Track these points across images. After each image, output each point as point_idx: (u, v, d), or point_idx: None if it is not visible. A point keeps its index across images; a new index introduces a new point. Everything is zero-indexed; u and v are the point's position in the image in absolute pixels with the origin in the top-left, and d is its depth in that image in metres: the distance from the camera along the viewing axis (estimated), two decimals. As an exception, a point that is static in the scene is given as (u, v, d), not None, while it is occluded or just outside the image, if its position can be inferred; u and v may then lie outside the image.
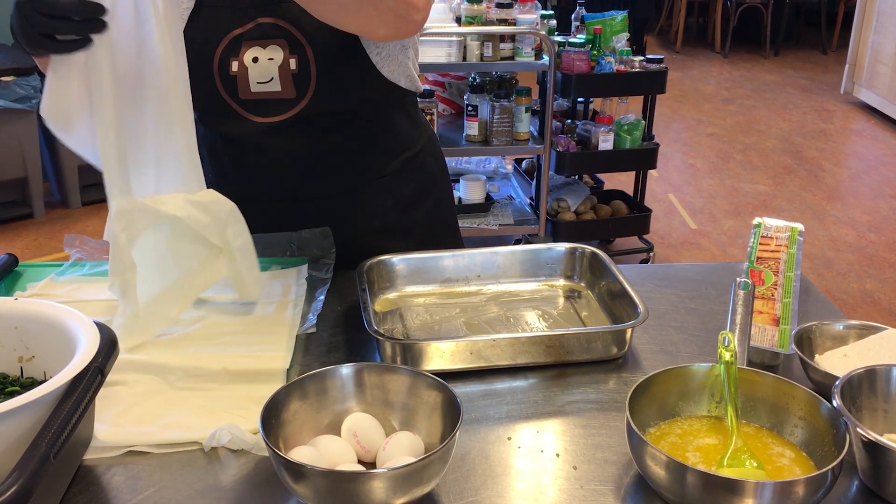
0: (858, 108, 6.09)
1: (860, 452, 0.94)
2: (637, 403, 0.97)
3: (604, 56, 3.46)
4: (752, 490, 0.85)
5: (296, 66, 1.32)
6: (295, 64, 1.32)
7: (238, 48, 1.31)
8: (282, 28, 1.31)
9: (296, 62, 1.32)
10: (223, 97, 1.34)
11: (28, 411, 0.83)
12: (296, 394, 0.98)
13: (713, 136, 5.52)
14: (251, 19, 1.31)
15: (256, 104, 1.34)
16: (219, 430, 1.00)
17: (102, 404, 1.05)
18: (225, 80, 1.33)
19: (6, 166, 3.87)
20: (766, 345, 1.17)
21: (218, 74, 1.32)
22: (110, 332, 0.96)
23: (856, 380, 1.00)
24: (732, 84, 6.75)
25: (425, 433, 0.98)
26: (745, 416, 1.02)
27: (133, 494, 0.93)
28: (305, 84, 1.33)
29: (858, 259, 3.85)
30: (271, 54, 1.31)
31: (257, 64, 1.31)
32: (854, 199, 4.55)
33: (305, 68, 1.32)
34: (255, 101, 1.34)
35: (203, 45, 1.31)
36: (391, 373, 1.01)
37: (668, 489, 0.90)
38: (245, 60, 1.31)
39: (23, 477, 0.75)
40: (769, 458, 0.97)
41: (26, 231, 3.95)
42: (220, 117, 1.37)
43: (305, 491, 0.87)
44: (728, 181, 4.74)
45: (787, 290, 1.20)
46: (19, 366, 1.00)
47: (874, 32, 5.86)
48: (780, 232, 1.24)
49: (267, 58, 1.31)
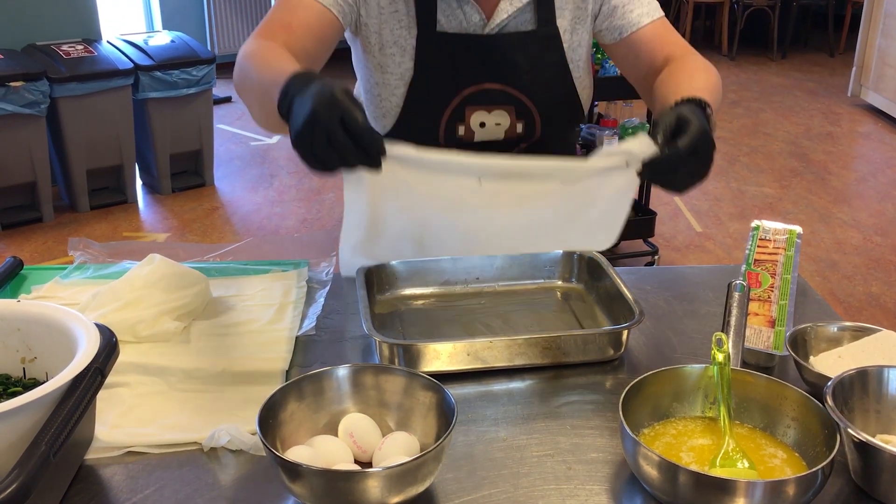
0: (865, 111, 6.07)
1: (852, 453, 0.95)
2: (631, 404, 0.98)
3: (608, 59, 3.47)
4: (743, 490, 0.86)
5: (522, 129, 1.37)
6: (521, 127, 1.37)
7: (463, 112, 1.34)
8: (510, 95, 1.34)
9: (522, 126, 1.37)
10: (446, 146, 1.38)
11: (29, 411, 0.84)
12: (293, 394, 0.99)
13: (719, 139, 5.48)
14: (476, 84, 1.33)
15: (477, 148, 1.38)
16: (218, 430, 1.02)
17: (103, 405, 1.06)
18: (450, 140, 1.37)
19: (15, 171, 3.90)
20: (761, 346, 1.18)
21: (444, 136, 1.36)
22: (111, 333, 0.98)
23: (848, 381, 1.01)
24: (739, 87, 6.74)
25: (421, 433, 0.99)
26: (739, 416, 1.03)
27: (133, 494, 0.95)
28: (530, 138, 1.39)
29: (864, 262, 3.84)
30: (498, 119, 1.36)
31: (484, 129, 1.35)
32: (860, 202, 4.54)
33: (531, 129, 1.38)
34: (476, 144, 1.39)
35: (429, 112, 1.34)
36: (387, 374, 1.02)
37: (661, 489, 0.91)
38: (472, 124, 1.35)
39: (23, 475, 0.76)
40: (762, 458, 0.98)
41: (35, 235, 3.97)
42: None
43: (302, 490, 0.88)
44: (734, 184, 4.74)
45: (783, 293, 1.20)
46: (22, 367, 1.02)
47: (881, 35, 5.85)
48: (778, 234, 1.25)
49: (494, 122, 1.36)
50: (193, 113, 4.36)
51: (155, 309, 1.23)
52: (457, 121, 1.34)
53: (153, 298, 1.25)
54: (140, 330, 1.21)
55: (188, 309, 1.27)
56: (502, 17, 1.30)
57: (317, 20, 1.28)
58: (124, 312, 1.22)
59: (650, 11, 1.38)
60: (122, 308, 1.23)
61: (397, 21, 1.30)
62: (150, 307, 1.24)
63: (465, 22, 1.30)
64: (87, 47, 4.10)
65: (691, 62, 1.33)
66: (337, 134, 0.97)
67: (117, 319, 1.20)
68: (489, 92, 1.34)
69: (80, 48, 4.07)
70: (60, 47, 4.03)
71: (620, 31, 1.36)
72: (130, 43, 4.29)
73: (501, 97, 1.34)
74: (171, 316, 1.24)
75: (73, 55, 3.99)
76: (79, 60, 3.97)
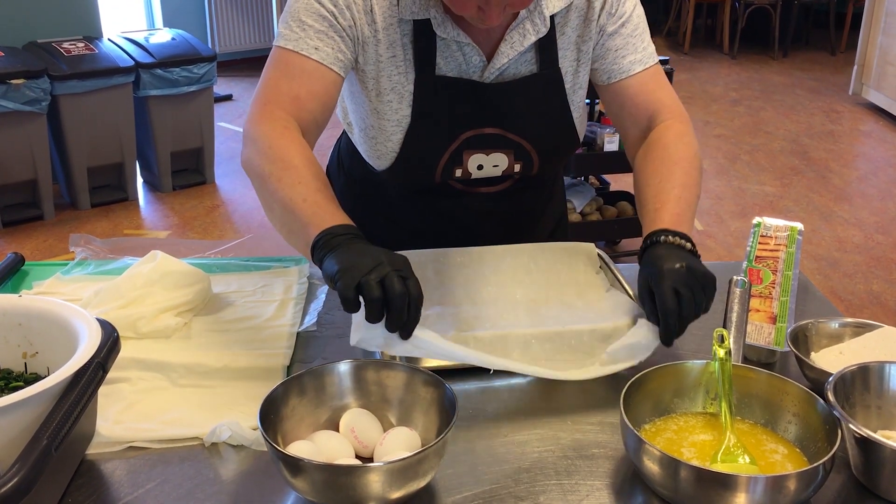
0: (867, 110, 6.07)
1: (853, 448, 0.95)
2: (632, 400, 0.98)
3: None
4: (744, 484, 0.86)
5: (520, 169, 1.37)
6: (519, 168, 1.36)
7: (461, 156, 1.33)
8: (509, 139, 1.33)
9: (520, 166, 1.36)
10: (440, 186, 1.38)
11: (30, 405, 0.84)
12: (294, 390, 0.99)
13: (721, 138, 5.51)
14: (474, 128, 1.31)
15: (471, 182, 1.38)
16: (219, 426, 1.02)
17: (105, 401, 1.07)
18: (445, 181, 1.36)
19: (16, 168, 3.90)
20: (762, 342, 1.18)
21: (440, 178, 1.35)
22: (112, 328, 0.98)
23: (849, 377, 1.01)
24: (740, 85, 6.73)
25: (422, 429, 0.99)
26: (740, 412, 1.03)
27: (134, 488, 0.95)
28: (527, 174, 1.39)
29: (865, 260, 3.84)
30: (496, 161, 1.34)
31: (482, 170, 1.35)
32: (862, 201, 4.54)
33: (529, 168, 1.37)
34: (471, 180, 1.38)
35: (427, 156, 1.32)
36: (389, 369, 1.02)
37: (662, 484, 0.91)
38: (469, 167, 1.34)
39: (24, 469, 0.77)
40: (763, 453, 0.98)
41: (36, 232, 3.97)
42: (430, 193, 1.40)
43: (303, 485, 0.88)
44: (735, 182, 4.74)
45: (784, 289, 1.20)
46: (23, 361, 1.02)
47: (883, 33, 5.84)
48: (779, 231, 1.25)
49: (492, 164, 1.35)
50: (194, 110, 4.36)
51: (156, 307, 1.24)
52: (455, 164, 1.33)
53: (155, 296, 1.25)
54: (141, 326, 1.21)
55: (190, 307, 1.27)
56: (503, 61, 1.27)
57: (321, 85, 1.23)
58: (126, 310, 1.23)
59: (643, 59, 1.34)
60: (124, 306, 1.23)
61: (395, 67, 1.27)
62: (151, 305, 1.24)
63: (465, 64, 1.27)
64: (88, 45, 4.10)
65: (673, 145, 1.30)
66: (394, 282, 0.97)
67: (118, 316, 1.20)
68: (488, 136, 1.31)
69: (81, 46, 4.07)
70: (61, 45, 4.03)
71: (609, 75, 1.34)
72: (131, 40, 4.29)
73: (500, 141, 1.32)
74: (172, 313, 1.24)
75: (74, 53, 3.99)
76: (80, 58, 3.97)
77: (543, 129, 1.33)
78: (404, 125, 1.30)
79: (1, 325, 1.02)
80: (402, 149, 1.31)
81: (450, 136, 1.31)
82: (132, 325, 1.21)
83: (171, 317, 1.23)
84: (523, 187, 1.43)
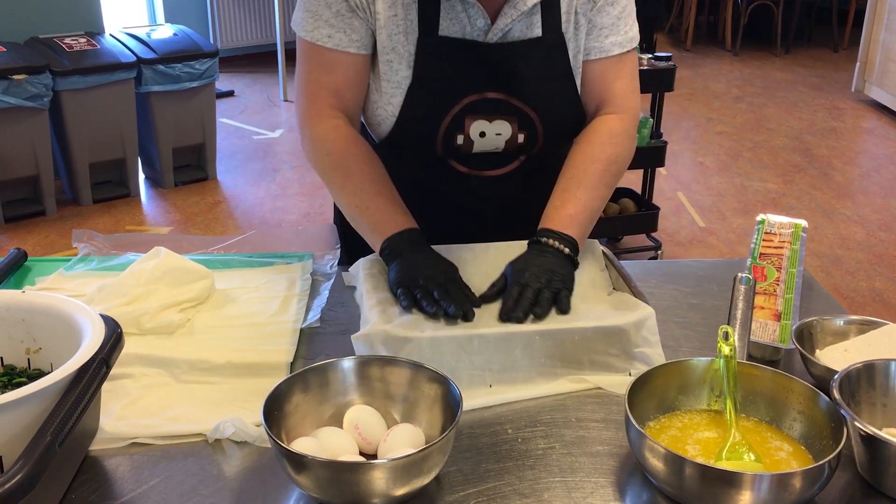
0: (869, 106, 6.06)
1: (858, 446, 0.95)
2: (637, 397, 0.98)
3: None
4: (749, 482, 0.86)
5: (524, 139, 1.35)
6: (523, 138, 1.34)
7: (462, 122, 1.31)
8: (513, 105, 1.31)
9: (524, 136, 1.34)
10: (442, 159, 1.37)
11: (34, 401, 0.84)
12: (298, 386, 0.99)
13: (723, 135, 5.50)
14: (477, 93, 1.30)
15: (474, 158, 1.37)
16: (222, 422, 1.02)
17: (109, 397, 1.06)
18: (448, 150, 1.35)
19: (18, 164, 3.89)
20: (766, 340, 1.17)
21: (441, 146, 1.34)
22: (116, 324, 0.97)
23: (854, 374, 1.01)
24: (743, 82, 6.72)
25: (426, 425, 0.99)
26: (745, 409, 1.03)
27: (138, 484, 0.95)
28: (530, 149, 1.37)
29: (868, 257, 3.84)
30: (499, 129, 1.33)
31: (484, 138, 1.33)
32: (864, 198, 4.53)
33: (533, 140, 1.35)
34: (474, 155, 1.37)
35: (427, 121, 1.31)
36: (393, 366, 1.02)
37: (667, 482, 0.91)
38: (471, 134, 1.32)
39: (28, 465, 0.76)
40: (768, 451, 0.98)
41: (38, 228, 3.97)
42: (432, 171, 1.39)
43: (307, 482, 0.88)
44: (737, 179, 4.73)
45: (789, 286, 1.20)
46: (27, 357, 1.02)
47: (885, 30, 5.83)
48: (783, 228, 1.24)
49: (494, 132, 1.33)
50: (196, 107, 4.36)
51: (160, 303, 1.23)
52: (456, 130, 1.31)
53: (158, 293, 1.25)
54: (144, 322, 1.21)
55: (193, 303, 1.27)
56: (506, 21, 1.27)
57: (355, 72, 1.30)
58: (129, 306, 1.22)
59: (623, 42, 1.34)
60: (127, 302, 1.23)
61: (395, 26, 1.27)
62: (155, 301, 1.24)
63: (470, 26, 1.27)
64: (89, 40, 4.09)
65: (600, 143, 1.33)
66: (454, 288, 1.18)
67: (122, 312, 1.20)
68: (491, 101, 1.30)
69: (83, 41, 4.06)
70: (63, 40, 4.03)
71: (588, 52, 1.34)
72: (133, 36, 4.28)
73: (504, 107, 1.31)
74: (175, 309, 1.24)
75: (76, 48, 3.99)
76: (82, 54, 3.97)
77: (548, 97, 1.32)
78: (404, 86, 1.29)
79: (4, 321, 1.02)
80: (402, 112, 1.30)
81: (451, 98, 1.30)
82: (135, 322, 1.21)
83: (174, 313, 1.23)
84: (527, 171, 1.41)
